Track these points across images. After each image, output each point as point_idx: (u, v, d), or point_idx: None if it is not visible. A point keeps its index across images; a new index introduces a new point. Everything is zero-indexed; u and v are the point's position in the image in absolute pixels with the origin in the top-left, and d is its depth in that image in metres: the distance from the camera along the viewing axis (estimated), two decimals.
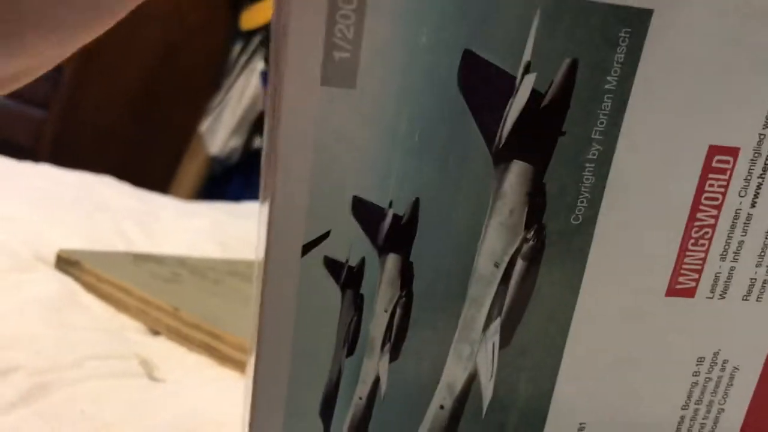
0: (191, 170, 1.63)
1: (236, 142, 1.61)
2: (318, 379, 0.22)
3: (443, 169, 0.21)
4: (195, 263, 0.63)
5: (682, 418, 0.24)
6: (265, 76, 1.57)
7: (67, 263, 0.56)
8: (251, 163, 1.62)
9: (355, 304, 0.22)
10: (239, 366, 0.47)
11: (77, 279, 0.55)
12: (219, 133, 1.60)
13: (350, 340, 0.22)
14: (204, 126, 1.62)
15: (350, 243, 0.21)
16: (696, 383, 0.24)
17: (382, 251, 0.21)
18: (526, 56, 0.20)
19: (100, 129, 1.47)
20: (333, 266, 0.21)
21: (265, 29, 1.55)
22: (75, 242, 0.62)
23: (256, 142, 1.63)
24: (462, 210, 0.21)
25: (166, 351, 0.49)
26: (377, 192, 0.21)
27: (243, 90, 1.59)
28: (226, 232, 0.79)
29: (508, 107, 0.20)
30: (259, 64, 1.58)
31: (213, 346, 0.49)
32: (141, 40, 1.39)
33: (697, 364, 0.24)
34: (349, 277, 0.21)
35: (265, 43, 1.57)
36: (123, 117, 1.52)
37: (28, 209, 0.68)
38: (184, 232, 0.76)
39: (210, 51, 1.61)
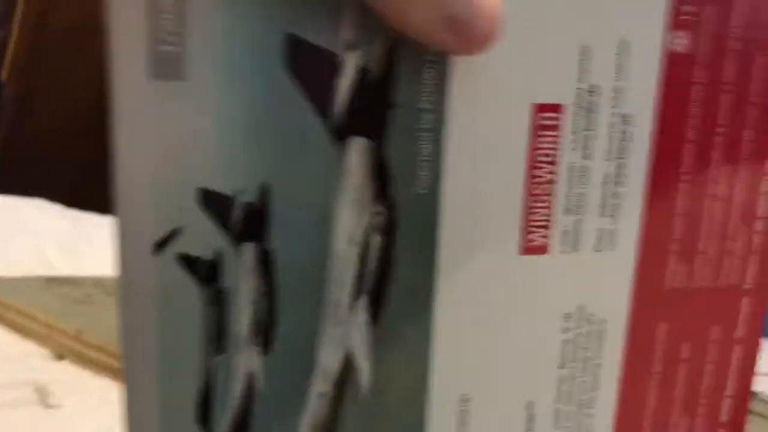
0: None
1: None
2: (189, 385, 0.21)
3: (285, 152, 0.20)
4: (114, 283, 0.61)
5: (562, 377, 0.24)
6: None
7: None
8: None
9: (217, 300, 0.21)
10: None
11: None
12: None
13: (217, 338, 0.21)
14: None
15: (203, 237, 0.21)
16: (568, 340, 0.24)
17: (238, 242, 0.21)
18: (345, 34, 0.20)
19: (50, 151, 1.44)
20: (189, 262, 0.21)
21: None
22: None
23: None
24: (311, 192, 0.21)
25: (69, 376, 0.48)
26: (225, 182, 0.20)
27: None
28: None
29: (337, 86, 0.20)
30: None
31: (117, 369, 0.47)
32: (89, 55, 1.31)
33: (564, 320, 0.24)
34: (206, 272, 0.21)
35: None
36: (74, 137, 1.49)
37: None
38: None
39: None
